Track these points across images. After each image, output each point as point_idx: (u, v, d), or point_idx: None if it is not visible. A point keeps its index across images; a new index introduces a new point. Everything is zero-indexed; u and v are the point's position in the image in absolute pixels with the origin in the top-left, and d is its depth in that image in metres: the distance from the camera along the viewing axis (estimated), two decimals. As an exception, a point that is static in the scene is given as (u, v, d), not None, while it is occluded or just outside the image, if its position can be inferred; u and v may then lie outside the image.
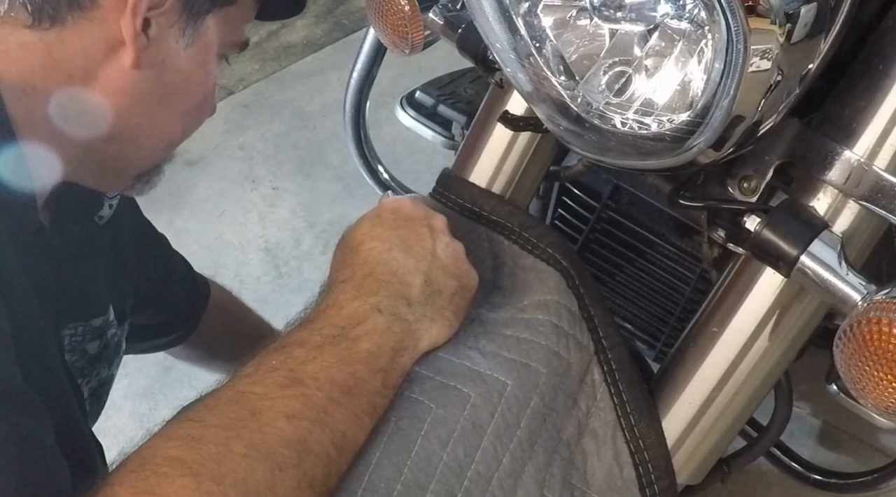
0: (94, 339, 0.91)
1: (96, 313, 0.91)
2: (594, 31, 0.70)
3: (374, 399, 0.71)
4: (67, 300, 0.84)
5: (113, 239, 0.98)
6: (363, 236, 0.78)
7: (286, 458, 0.63)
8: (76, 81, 0.76)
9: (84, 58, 0.75)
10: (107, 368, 0.96)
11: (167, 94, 0.81)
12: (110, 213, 0.95)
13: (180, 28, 0.78)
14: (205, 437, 0.62)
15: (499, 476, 0.73)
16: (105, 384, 0.97)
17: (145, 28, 0.75)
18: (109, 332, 0.94)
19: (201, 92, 0.84)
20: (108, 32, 0.75)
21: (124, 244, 1.02)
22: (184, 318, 1.23)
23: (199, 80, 0.83)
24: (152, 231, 1.16)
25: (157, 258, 1.16)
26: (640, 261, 1.15)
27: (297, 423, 0.65)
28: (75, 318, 0.87)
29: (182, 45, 0.79)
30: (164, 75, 0.80)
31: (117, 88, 0.78)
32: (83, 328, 0.89)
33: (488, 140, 0.93)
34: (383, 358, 0.72)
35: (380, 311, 0.73)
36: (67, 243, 0.85)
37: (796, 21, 0.59)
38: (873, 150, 0.68)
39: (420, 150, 2.20)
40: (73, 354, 0.88)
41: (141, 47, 0.76)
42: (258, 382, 0.68)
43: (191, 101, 0.84)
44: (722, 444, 0.82)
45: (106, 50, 0.76)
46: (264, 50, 3.03)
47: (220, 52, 0.85)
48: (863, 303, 0.64)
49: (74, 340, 0.87)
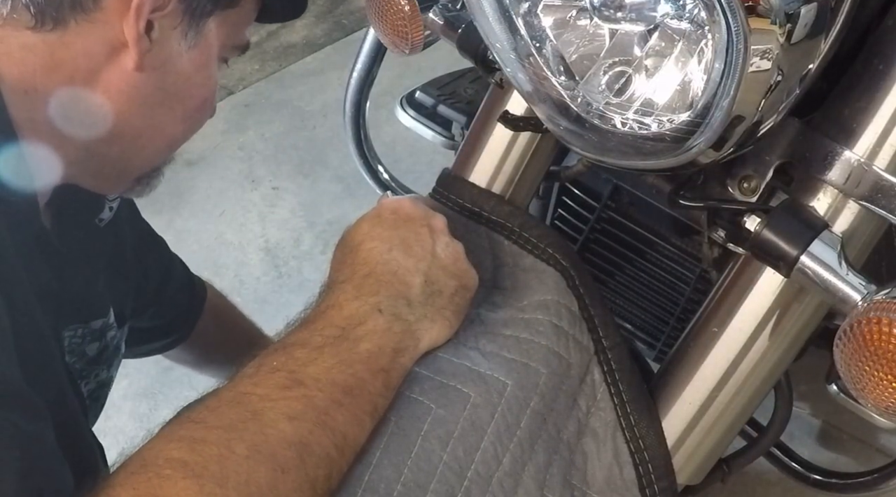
0: (94, 341, 0.91)
1: (96, 315, 0.91)
2: (594, 31, 0.70)
3: (374, 399, 0.71)
4: (68, 302, 0.84)
5: (113, 241, 0.98)
6: (363, 236, 0.78)
7: (288, 460, 0.63)
8: (78, 83, 0.76)
9: (86, 59, 0.75)
10: (105, 371, 0.96)
11: (169, 97, 0.81)
12: (111, 216, 0.95)
13: (182, 30, 0.78)
14: (206, 438, 0.62)
15: (499, 476, 0.73)
16: (104, 386, 0.97)
17: (148, 30, 0.75)
18: (109, 335, 0.94)
19: (202, 94, 0.84)
20: (110, 34, 0.75)
21: (124, 247, 1.02)
22: (181, 322, 1.23)
23: (200, 82, 0.83)
24: (152, 234, 1.16)
25: (157, 261, 1.16)
26: (640, 261, 1.15)
27: (298, 424, 0.65)
28: (75, 320, 0.87)
29: (184, 47, 0.79)
30: (166, 78, 0.80)
31: (119, 90, 0.78)
32: (83, 330, 0.88)
33: (488, 140, 0.93)
34: (384, 358, 0.72)
35: (380, 311, 0.73)
36: (68, 245, 0.85)
37: (796, 21, 0.59)
38: (873, 150, 0.68)
39: (420, 150, 2.20)
40: (72, 356, 0.88)
41: (144, 49, 0.76)
42: (259, 383, 0.68)
43: (192, 104, 0.84)
44: (722, 444, 0.82)
45: (108, 52, 0.76)
46: (264, 50, 3.03)
47: (220, 54, 0.85)
48: (863, 303, 0.64)
49: (74, 342, 0.87)
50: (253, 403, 0.66)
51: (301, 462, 0.64)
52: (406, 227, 0.78)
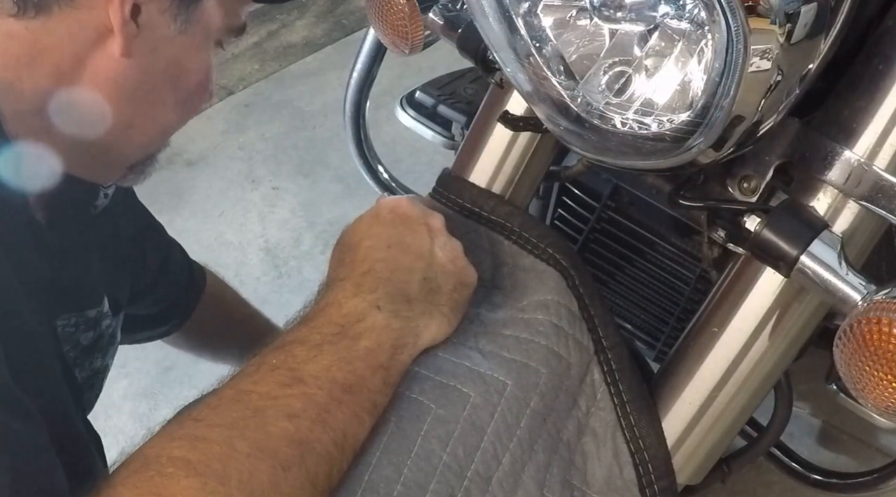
0: (88, 330, 0.90)
1: (90, 304, 0.90)
2: (594, 31, 0.70)
3: (374, 397, 0.71)
4: (61, 291, 0.83)
5: (109, 228, 0.97)
6: (361, 235, 0.78)
7: (289, 458, 0.63)
8: (64, 72, 0.74)
9: (71, 47, 0.73)
10: (101, 359, 0.95)
11: (160, 83, 0.79)
12: (106, 202, 0.94)
13: (172, 14, 0.75)
14: (208, 436, 0.62)
15: (499, 476, 0.73)
16: (99, 373, 0.96)
17: (135, 15, 0.73)
18: (104, 324, 0.93)
19: (196, 80, 0.82)
20: (96, 20, 0.73)
21: (120, 233, 1.00)
22: (180, 308, 1.22)
23: (193, 67, 0.81)
24: (149, 219, 1.14)
25: (155, 247, 1.14)
26: (640, 261, 1.15)
27: (299, 422, 0.65)
28: (69, 310, 0.86)
29: (174, 31, 0.76)
30: (157, 64, 0.77)
31: (107, 78, 0.75)
32: (77, 319, 0.88)
33: (488, 140, 0.93)
34: (383, 355, 0.72)
35: (379, 308, 0.73)
36: (61, 234, 0.84)
37: (796, 21, 0.59)
38: (873, 150, 0.68)
39: (420, 150, 2.20)
40: (66, 344, 0.87)
41: (130, 35, 0.73)
42: (260, 381, 0.68)
43: (185, 90, 0.81)
44: (722, 444, 0.82)
45: (94, 38, 0.73)
46: (264, 50, 3.03)
47: (216, 37, 0.83)
48: (863, 303, 0.64)
49: (67, 331, 0.86)
50: (253, 401, 0.66)
51: (302, 460, 0.64)
52: (404, 226, 0.78)
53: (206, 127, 2.67)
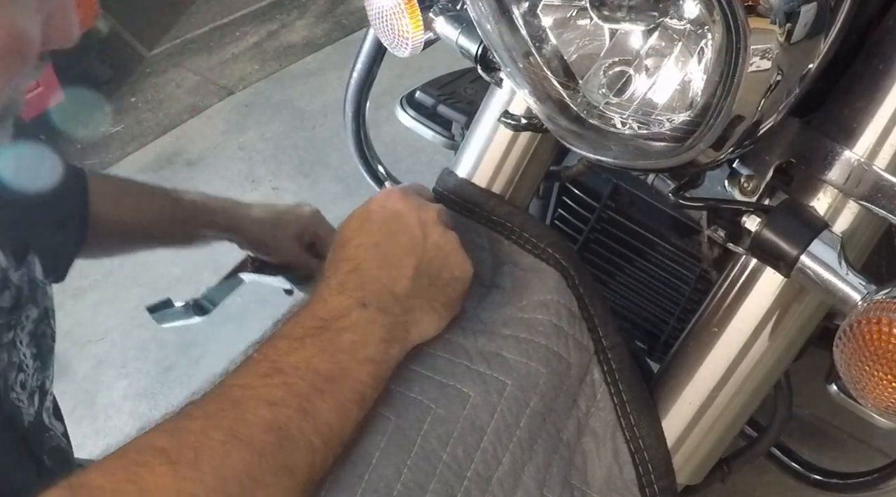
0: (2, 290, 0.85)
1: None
2: (594, 31, 0.70)
3: (361, 389, 0.71)
4: None
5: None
6: (351, 233, 0.78)
7: (266, 444, 0.64)
8: None
9: None
10: (34, 308, 0.91)
11: None
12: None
13: None
14: (187, 427, 0.64)
15: (498, 476, 0.73)
16: (43, 319, 0.92)
17: None
18: (15, 277, 0.88)
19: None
20: None
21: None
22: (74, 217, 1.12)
23: None
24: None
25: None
26: (640, 261, 1.15)
27: (277, 410, 0.66)
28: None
29: None
30: None
31: None
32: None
33: (488, 140, 0.93)
34: (371, 348, 0.72)
35: (364, 305, 0.73)
36: None
37: (796, 21, 0.59)
38: (873, 150, 0.68)
39: (420, 150, 2.21)
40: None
41: None
42: (241, 374, 0.69)
43: None
44: (722, 444, 0.82)
45: None
46: (264, 50, 3.04)
47: None
48: (863, 303, 0.64)
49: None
50: (234, 393, 0.67)
51: (279, 447, 0.64)
52: (394, 220, 0.78)
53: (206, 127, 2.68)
